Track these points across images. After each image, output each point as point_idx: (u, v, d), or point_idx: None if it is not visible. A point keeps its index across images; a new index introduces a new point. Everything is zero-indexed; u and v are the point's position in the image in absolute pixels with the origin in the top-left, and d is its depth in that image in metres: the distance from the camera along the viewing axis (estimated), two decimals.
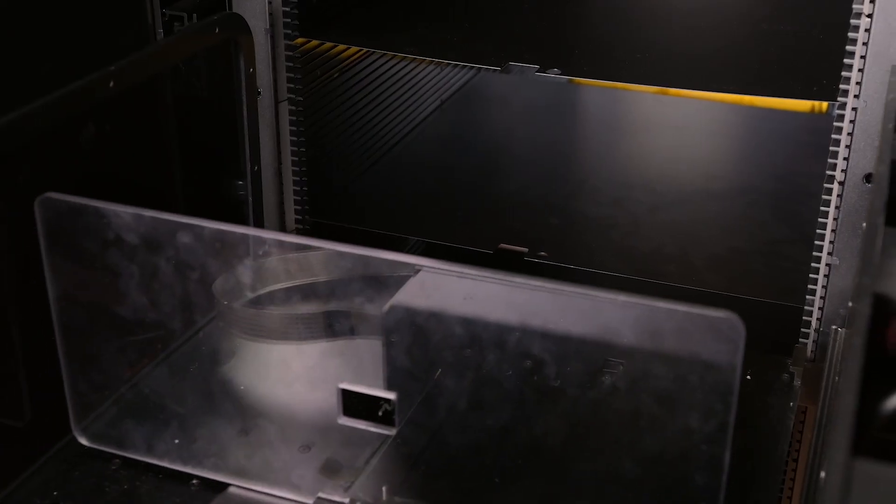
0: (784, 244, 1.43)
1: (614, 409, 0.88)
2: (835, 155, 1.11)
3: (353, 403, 0.92)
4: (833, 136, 1.11)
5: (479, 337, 0.87)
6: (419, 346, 0.90)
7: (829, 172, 1.12)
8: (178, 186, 1.17)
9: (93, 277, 0.99)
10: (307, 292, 1.03)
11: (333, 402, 0.93)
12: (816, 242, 1.16)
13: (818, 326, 1.20)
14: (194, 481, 0.98)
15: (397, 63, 1.67)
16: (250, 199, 1.22)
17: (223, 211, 1.24)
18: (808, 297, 1.20)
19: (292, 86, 1.34)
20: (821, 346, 1.20)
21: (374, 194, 1.60)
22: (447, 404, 0.91)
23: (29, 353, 1.02)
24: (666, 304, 0.78)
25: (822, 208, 1.14)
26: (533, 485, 0.92)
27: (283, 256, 1.00)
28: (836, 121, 1.10)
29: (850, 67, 1.07)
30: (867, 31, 1.05)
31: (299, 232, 1.38)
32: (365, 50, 1.52)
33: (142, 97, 1.15)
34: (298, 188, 1.32)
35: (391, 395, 0.90)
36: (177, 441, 1.01)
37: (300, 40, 1.29)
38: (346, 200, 1.55)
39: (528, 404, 0.89)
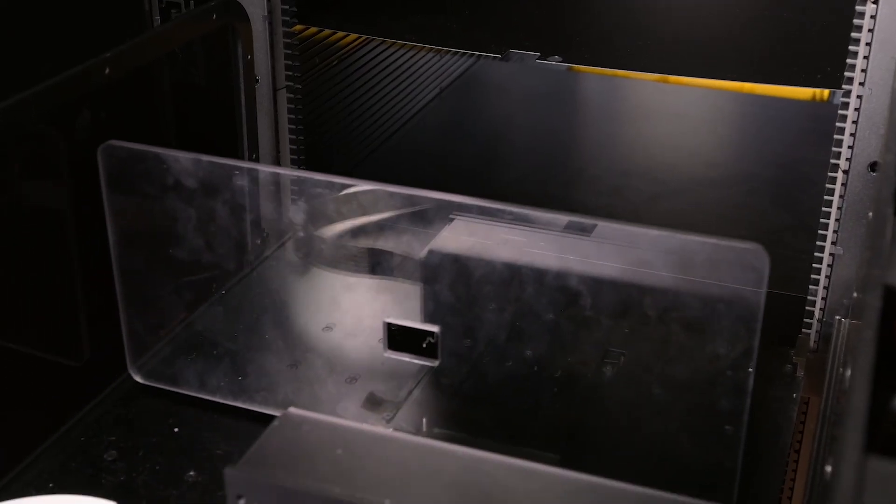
0: (786, 233, 1.43)
1: (646, 337, 0.94)
2: (839, 143, 1.10)
3: (398, 337, 0.97)
4: (837, 124, 1.10)
5: (515, 276, 0.93)
6: (457, 286, 0.95)
7: (833, 161, 1.11)
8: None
9: (151, 221, 1.06)
10: (358, 231, 1.09)
11: (379, 336, 0.99)
12: (820, 232, 1.15)
13: (821, 317, 1.20)
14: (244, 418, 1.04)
15: (396, 50, 1.66)
16: (247, 183, 1.20)
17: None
18: (811, 286, 1.19)
19: (291, 73, 1.33)
20: (824, 337, 1.20)
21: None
22: (487, 337, 0.95)
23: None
24: (696, 237, 0.85)
25: (825, 197, 1.13)
26: (567, 413, 0.98)
27: (337, 196, 1.04)
28: (841, 109, 1.09)
29: (855, 55, 1.06)
30: (873, 17, 1.04)
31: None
32: (364, 37, 1.51)
33: (139, 84, 1.14)
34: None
35: (435, 328, 0.96)
36: (228, 377, 1.07)
37: (298, 27, 1.29)
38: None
39: (564, 335, 0.94)
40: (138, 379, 1.09)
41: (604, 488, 0.75)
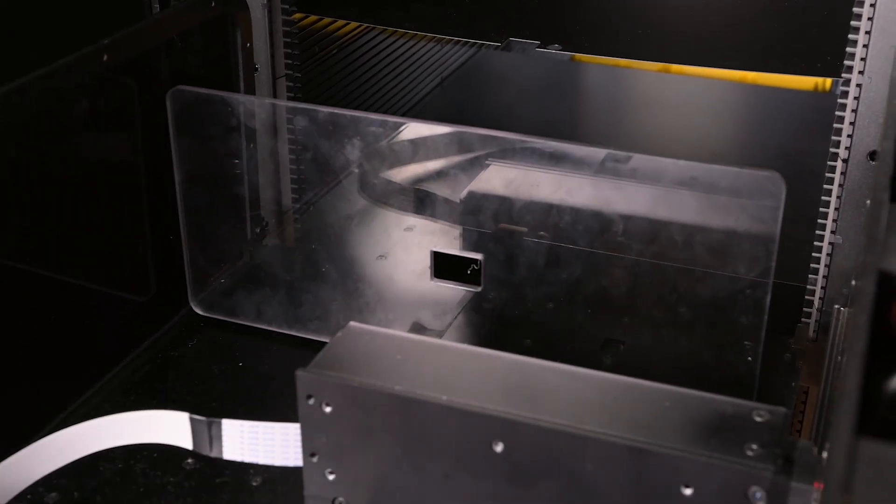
0: (786, 223, 1.43)
1: (673, 259, 1.02)
2: (839, 132, 1.09)
3: (444, 265, 1.08)
4: (837, 113, 1.09)
5: (552, 208, 1.03)
6: (497, 220, 1.06)
7: (832, 150, 1.10)
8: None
9: (215, 161, 1.16)
10: (409, 170, 1.13)
11: (426, 266, 1.08)
12: (819, 221, 1.14)
13: (820, 306, 1.20)
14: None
15: (397, 40, 1.66)
16: (245, 176, 1.21)
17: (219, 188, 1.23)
18: (810, 276, 1.19)
19: (290, 62, 1.33)
20: (823, 327, 1.20)
21: None
22: (526, 263, 1.05)
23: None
24: (719, 166, 0.95)
25: (825, 186, 1.12)
26: (600, 332, 1.07)
27: (390, 136, 1.09)
28: (841, 97, 1.08)
29: (854, 43, 1.06)
30: (872, 5, 1.03)
31: (297, 211, 1.38)
32: (364, 26, 1.51)
33: (138, 73, 1.14)
34: (295, 166, 1.32)
35: (478, 256, 1.06)
36: (284, 307, 1.14)
37: (298, 15, 1.29)
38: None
39: (598, 260, 1.04)
40: (199, 311, 1.17)
41: (638, 386, 0.81)
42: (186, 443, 0.91)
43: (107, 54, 1.02)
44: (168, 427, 0.92)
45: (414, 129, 1.07)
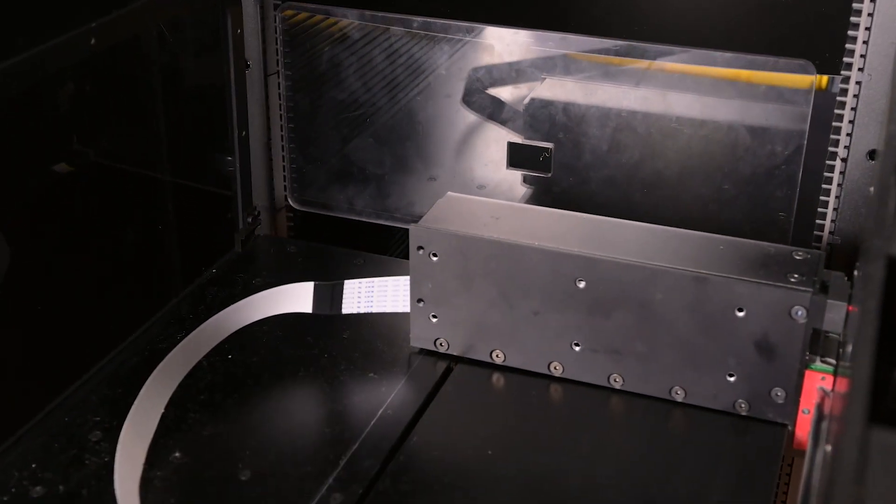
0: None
1: (718, 142, 1.16)
2: (837, 131, 1.11)
3: (518, 154, 1.23)
4: (836, 111, 1.11)
5: (610, 110, 1.19)
6: (562, 120, 1.21)
7: (831, 149, 1.12)
8: (164, 158, 1.19)
9: (318, 69, 1.29)
10: (486, 73, 1.26)
11: (502, 156, 1.24)
12: (818, 221, 1.16)
13: None
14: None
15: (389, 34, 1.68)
16: (238, 164, 1.26)
17: (212, 182, 1.29)
18: None
19: (282, 58, 1.32)
20: None
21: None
22: (590, 149, 1.20)
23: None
24: (758, 56, 1.13)
25: (823, 186, 1.14)
26: (654, 210, 1.20)
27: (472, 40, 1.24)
28: (840, 95, 1.11)
29: (854, 40, 1.08)
30: (872, 1, 1.06)
31: (291, 209, 1.42)
32: (356, 22, 1.55)
33: (128, 64, 1.14)
34: (287, 164, 1.36)
35: (549, 145, 1.21)
36: (373, 198, 1.30)
37: (289, 12, 1.31)
38: (337, 175, 1.61)
39: (654, 144, 1.18)
40: (296, 206, 1.34)
41: (696, 235, 1.01)
42: (307, 307, 1.09)
43: (94, 38, 1.01)
44: (294, 297, 1.10)
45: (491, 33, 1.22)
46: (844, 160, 1.11)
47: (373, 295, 1.06)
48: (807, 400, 0.93)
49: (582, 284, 0.96)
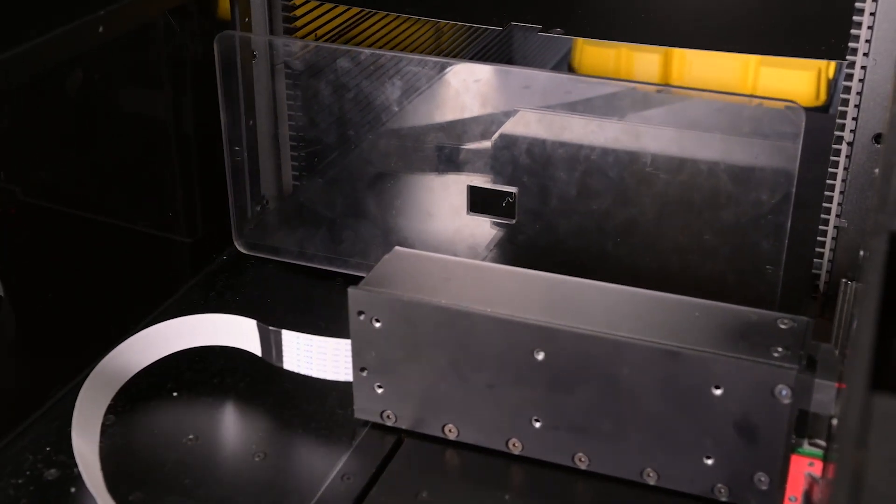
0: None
1: (698, 188, 1.09)
2: (843, 116, 1.13)
3: (479, 198, 1.16)
4: (842, 95, 1.13)
5: (581, 149, 1.11)
6: (526, 162, 1.13)
7: (837, 133, 1.14)
8: (173, 147, 1.23)
9: (260, 102, 1.25)
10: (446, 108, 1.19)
11: (462, 200, 1.17)
12: (824, 205, 1.18)
13: (825, 290, 1.23)
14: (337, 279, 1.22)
15: (398, 25, 1.70)
16: (245, 154, 1.27)
17: (220, 174, 1.29)
18: (815, 260, 1.24)
19: (289, 48, 1.30)
20: (829, 299, 1.22)
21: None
22: (558, 194, 1.12)
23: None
24: (742, 96, 1.06)
25: (830, 170, 1.16)
26: (628, 259, 1.14)
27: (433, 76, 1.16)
28: (845, 80, 1.13)
29: (859, 25, 1.10)
30: None
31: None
32: (364, 11, 1.58)
33: (136, 53, 1.16)
34: (296, 153, 1.35)
35: (513, 189, 1.13)
36: (325, 244, 1.23)
37: (297, 0, 1.34)
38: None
39: (627, 189, 1.11)
40: (242, 250, 1.27)
41: (670, 299, 0.93)
42: (255, 348, 1.02)
43: (102, 25, 1.04)
44: (238, 331, 1.04)
45: (453, 71, 1.14)
46: (850, 144, 1.13)
47: (312, 357, 0.99)
48: (793, 486, 0.86)
49: (541, 356, 0.89)
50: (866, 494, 0.48)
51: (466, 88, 1.15)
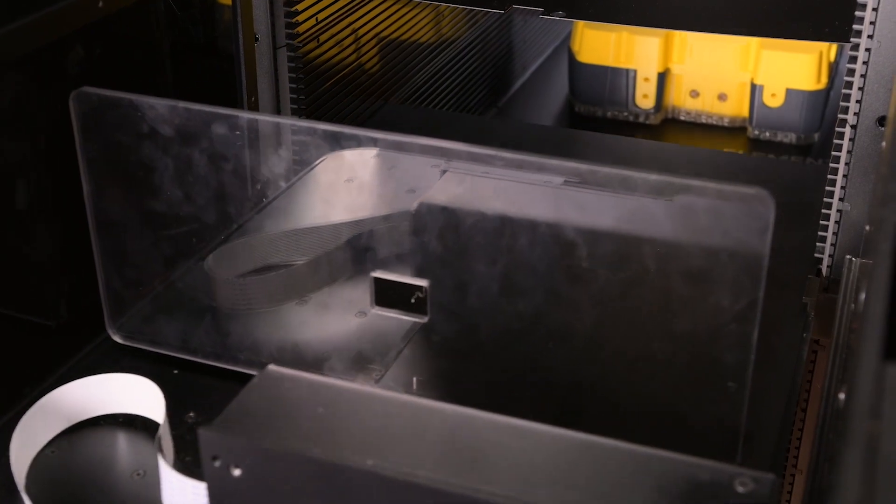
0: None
1: (646, 289, 0.94)
2: (847, 98, 1.16)
3: (386, 292, 1.01)
4: (846, 78, 1.15)
5: (507, 227, 0.95)
6: (448, 239, 0.98)
7: (841, 116, 1.17)
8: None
9: (127, 171, 1.07)
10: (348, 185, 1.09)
11: (366, 293, 1.03)
12: (828, 188, 1.20)
13: (828, 274, 1.26)
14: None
15: (399, 9, 1.69)
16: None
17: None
18: (818, 244, 1.25)
19: (291, 31, 1.36)
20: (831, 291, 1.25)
21: None
22: (478, 291, 0.97)
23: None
24: (697, 181, 0.85)
25: (833, 153, 1.19)
26: (564, 369, 0.99)
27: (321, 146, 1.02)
28: (849, 62, 1.15)
29: (863, 7, 1.12)
30: None
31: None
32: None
33: (137, 37, 1.17)
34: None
35: (423, 283, 0.99)
36: (210, 336, 1.09)
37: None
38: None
39: (560, 288, 0.96)
40: (117, 339, 1.13)
41: (598, 446, 0.76)
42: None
43: (102, 0, 1.04)
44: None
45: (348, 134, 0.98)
46: (854, 127, 1.16)
47: (172, 492, 0.88)
48: None
49: None
50: (881, 465, 0.48)
51: (364, 163, 1.03)
